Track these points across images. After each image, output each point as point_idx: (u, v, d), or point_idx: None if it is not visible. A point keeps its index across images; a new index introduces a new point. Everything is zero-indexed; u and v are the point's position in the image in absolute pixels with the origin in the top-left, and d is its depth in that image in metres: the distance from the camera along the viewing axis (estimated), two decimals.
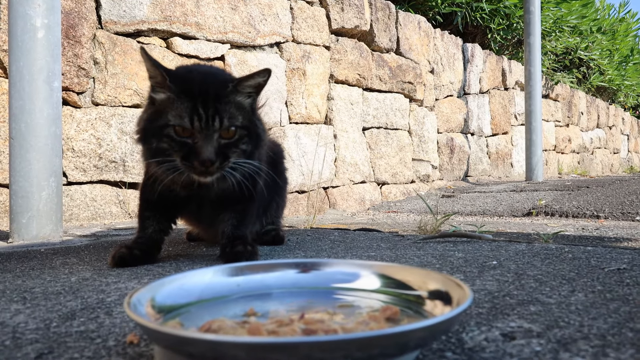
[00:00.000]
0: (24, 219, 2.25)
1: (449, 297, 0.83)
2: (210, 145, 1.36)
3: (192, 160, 1.36)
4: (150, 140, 1.44)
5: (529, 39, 6.32)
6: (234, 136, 1.43)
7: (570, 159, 9.20)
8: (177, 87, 1.41)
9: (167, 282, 0.86)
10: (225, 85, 1.45)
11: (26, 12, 2.24)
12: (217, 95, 1.41)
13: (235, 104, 1.45)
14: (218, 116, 1.38)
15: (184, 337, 0.60)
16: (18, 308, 1.13)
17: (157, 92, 1.45)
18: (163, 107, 1.42)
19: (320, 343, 0.57)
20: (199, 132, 1.37)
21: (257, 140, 1.52)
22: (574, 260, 1.61)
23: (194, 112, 1.37)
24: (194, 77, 1.44)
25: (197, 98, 1.38)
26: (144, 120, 1.47)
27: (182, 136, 1.38)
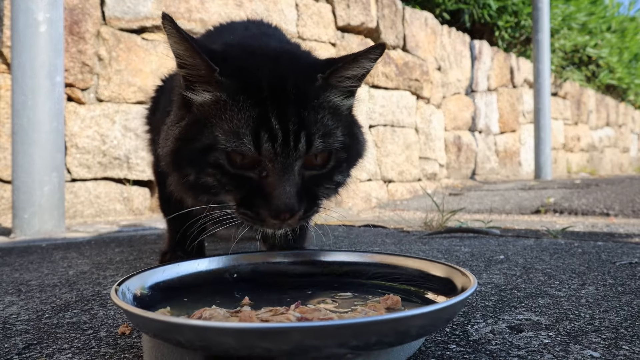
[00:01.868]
0: (26, 215, 2.24)
1: (452, 286, 0.79)
2: (289, 182, 0.84)
3: (258, 209, 0.85)
4: (184, 169, 0.92)
5: (538, 35, 6.25)
6: (328, 163, 0.91)
7: (579, 157, 9.09)
8: (233, 82, 0.88)
9: (160, 270, 0.83)
10: (311, 76, 0.91)
11: (28, 7, 2.23)
12: (300, 95, 0.88)
13: (330, 109, 0.92)
14: (305, 132, 0.86)
15: (170, 323, 0.56)
16: (12, 300, 1.11)
17: (196, 90, 0.91)
18: (206, 115, 0.89)
19: (313, 329, 0.53)
20: (271, 160, 0.84)
21: (356, 160, 1.03)
22: (584, 254, 1.56)
23: (261, 126, 0.84)
24: (260, 64, 0.92)
25: (266, 101, 0.86)
26: (177, 138, 0.93)
27: (241, 167, 0.86)
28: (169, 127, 0.97)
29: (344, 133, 0.94)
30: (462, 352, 0.75)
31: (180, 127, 0.92)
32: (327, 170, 0.92)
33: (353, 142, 0.98)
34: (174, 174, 0.98)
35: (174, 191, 1.06)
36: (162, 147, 0.98)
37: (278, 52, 1.00)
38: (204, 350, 0.59)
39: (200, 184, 0.91)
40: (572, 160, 8.78)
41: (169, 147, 0.94)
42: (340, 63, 0.91)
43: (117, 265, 1.50)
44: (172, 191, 1.07)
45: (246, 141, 0.84)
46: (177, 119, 0.95)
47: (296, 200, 0.85)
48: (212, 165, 0.88)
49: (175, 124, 0.95)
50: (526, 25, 7.31)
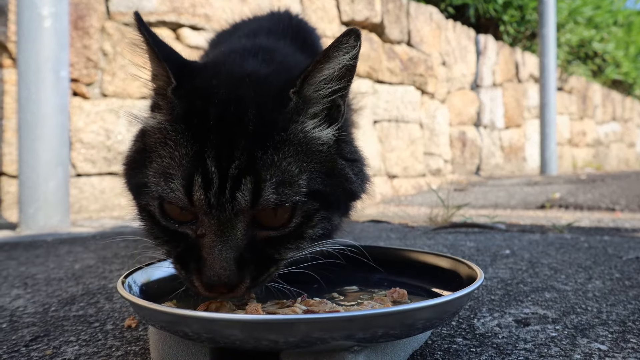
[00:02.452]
0: (32, 209, 2.25)
1: (459, 279, 0.79)
2: (226, 245, 0.66)
3: (191, 276, 0.69)
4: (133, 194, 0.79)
5: (543, 30, 6.21)
6: (291, 221, 0.71)
7: (584, 152, 9.05)
8: (181, 105, 0.73)
9: (166, 263, 0.83)
10: (283, 98, 0.74)
11: (33, 1, 2.23)
12: (258, 127, 0.70)
13: (300, 145, 0.73)
14: (251, 179, 0.67)
15: (178, 314, 0.56)
16: (19, 293, 1.11)
17: (155, 107, 0.78)
18: (150, 145, 0.74)
19: (320, 321, 0.53)
20: (205, 213, 0.67)
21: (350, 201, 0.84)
22: (590, 249, 1.55)
23: (196, 167, 0.67)
24: (220, 83, 0.75)
25: (209, 134, 0.69)
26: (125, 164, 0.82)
27: (174, 219, 0.70)
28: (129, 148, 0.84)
29: (318, 177, 0.73)
30: (468, 346, 0.75)
31: (130, 152, 0.80)
32: (291, 229, 0.71)
33: (337, 185, 0.76)
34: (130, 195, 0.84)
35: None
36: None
37: (251, 69, 0.82)
38: (210, 343, 0.59)
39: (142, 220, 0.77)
40: (578, 156, 8.73)
41: (121, 170, 0.83)
42: (310, 65, 0.73)
43: (123, 260, 1.51)
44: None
45: (174, 187, 0.67)
46: (133, 140, 0.82)
47: (234, 269, 0.65)
48: (143, 209, 0.74)
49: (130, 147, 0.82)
50: (532, 19, 7.26)
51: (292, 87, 0.73)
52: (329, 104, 0.77)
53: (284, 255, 0.73)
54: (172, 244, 0.72)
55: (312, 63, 0.72)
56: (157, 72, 0.76)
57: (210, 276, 0.65)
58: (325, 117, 0.77)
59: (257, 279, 0.69)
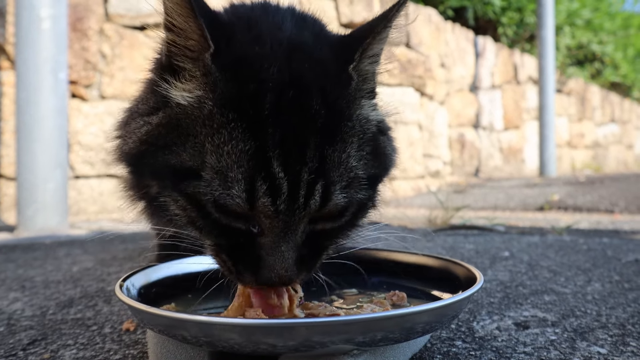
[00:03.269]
0: (30, 211, 2.24)
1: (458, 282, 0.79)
2: (289, 247, 0.62)
3: (243, 269, 0.64)
4: (144, 178, 0.70)
5: (542, 32, 6.22)
6: (345, 213, 0.67)
7: (583, 154, 9.05)
8: (226, 80, 0.63)
9: (164, 267, 0.83)
10: (342, 74, 0.67)
11: (32, 3, 2.23)
12: (325, 115, 0.63)
13: (360, 130, 0.67)
14: (322, 183, 0.62)
15: (176, 318, 0.56)
16: (16, 296, 1.11)
17: (179, 71, 0.66)
18: (190, 120, 0.64)
19: (320, 325, 0.53)
20: (269, 217, 0.62)
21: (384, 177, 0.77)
22: (590, 251, 1.55)
23: (258, 171, 0.60)
24: (269, 55, 0.65)
25: (269, 125, 0.61)
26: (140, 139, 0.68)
27: (229, 214, 0.62)
28: (133, 115, 0.72)
29: (370, 161, 0.67)
30: (468, 349, 0.74)
31: (150, 125, 0.66)
32: (347, 218, 0.68)
33: (382, 165, 0.71)
34: (130, 177, 0.76)
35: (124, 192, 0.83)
36: (117, 137, 0.75)
37: (295, 35, 0.70)
38: (208, 346, 0.59)
39: (163, 204, 0.67)
40: (577, 157, 8.74)
41: (129, 147, 0.69)
42: (369, 36, 0.65)
43: (121, 262, 1.50)
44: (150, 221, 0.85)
45: (235, 193, 0.59)
46: (146, 108, 0.69)
47: (295, 269, 0.62)
48: (189, 198, 0.63)
49: (142, 115, 0.69)
50: (530, 21, 7.28)
51: (351, 62, 0.66)
52: (375, 78, 0.72)
53: (328, 247, 0.69)
54: (219, 238, 0.64)
55: (372, 33, 0.65)
56: (186, 28, 0.62)
57: (271, 277, 0.61)
58: (372, 92, 0.72)
59: (310, 271, 0.67)
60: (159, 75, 0.68)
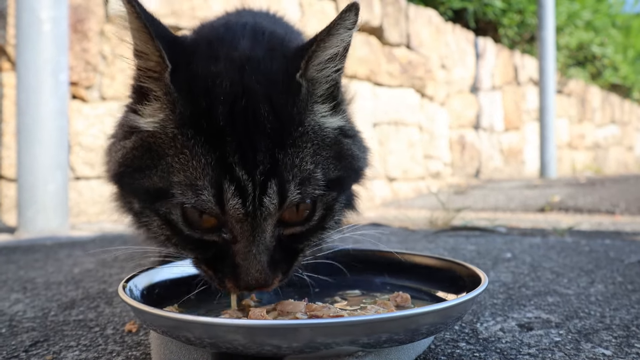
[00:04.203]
0: (30, 213, 2.24)
1: (462, 283, 0.78)
2: (260, 249, 0.67)
3: (223, 277, 0.69)
4: (128, 195, 0.77)
5: (542, 33, 6.22)
6: (313, 215, 0.72)
7: (583, 155, 9.05)
8: (183, 99, 0.68)
9: (166, 268, 0.83)
10: (292, 83, 0.71)
11: (32, 5, 2.23)
12: (275, 121, 0.68)
13: (314, 135, 0.72)
14: (276, 181, 0.66)
15: (181, 319, 0.56)
16: (18, 297, 1.11)
17: (146, 96, 0.71)
18: (157, 143, 0.69)
19: (324, 326, 0.53)
20: (239, 220, 0.66)
21: (356, 180, 0.83)
22: (592, 252, 1.55)
23: (223, 175, 0.65)
24: (222, 71, 0.70)
25: (226, 135, 0.66)
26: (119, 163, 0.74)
27: (199, 228, 0.69)
28: (114, 138, 0.79)
29: (331, 164, 0.72)
30: (472, 350, 0.74)
31: (125, 149, 0.72)
32: (314, 222, 0.72)
33: (347, 167, 0.75)
34: (124, 211, 0.83)
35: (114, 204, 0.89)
36: (106, 157, 0.82)
37: (249, 51, 0.75)
38: (212, 348, 0.58)
39: (144, 221, 0.73)
40: (577, 159, 8.74)
41: (111, 168, 0.76)
42: (314, 44, 0.69)
43: (122, 264, 1.50)
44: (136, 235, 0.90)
45: (205, 198, 0.65)
46: (122, 132, 0.75)
47: (269, 271, 0.67)
48: (162, 218, 0.70)
49: (119, 140, 0.75)
50: (531, 23, 7.28)
51: (298, 71, 0.70)
52: (331, 84, 0.75)
53: (308, 247, 0.74)
54: (196, 252, 0.71)
55: (315, 41, 0.69)
56: (146, 51, 0.68)
57: (248, 281, 0.66)
58: (328, 98, 0.75)
59: (287, 273, 0.71)
60: (131, 102, 0.75)
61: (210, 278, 0.71)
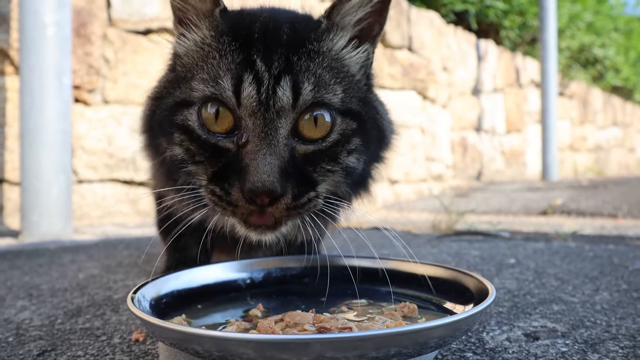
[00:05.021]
0: (34, 217, 2.24)
1: (469, 293, 0.78)
2: (271, 149, 0.68)
3: (230, 187, 0.68)
4: (157, 138, 0.80)
5: (544, 35, 6.22)
6: (329, 135, 0.73)
7: (585, 158, 9.05)
8: (227, 22, 0.79)
9: (173, 278, 0.83)
10: (311, 22, 0.83)
11: (36, 9, 2.23)
12: (293, 39, 0.76)
13: (332, 60, 0.78)
14: (290, 77, 0.72)
15: (190, 333, 0.56)
16: (24, 304, 1.11)
17: (187, 31, 0.80)
18: (189, 67, 0.77)
19: (333, 341, 0.53)
20: (252, 115, 0.69)
21: (379, 141, 0.85)
22: (596, 258, 1.55)
23: (244, 68, 0.71)
24: (258, 12, 0.84)
25: (253, 44, 0.74)
26: (152, 98, 0.83)
27: (214, 131, 0.71)
28: (152, 92, 0.86)
29: (352, 96, 0.77)
30: None
31: (159, 84, 0.82)
32: (328, 144, 0.73)
33: (370, 113, 0.79)
34: (151, 156, 0.86)
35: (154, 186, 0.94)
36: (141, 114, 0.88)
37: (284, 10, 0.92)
38: None
39: (173, 160, 0.76)
40: (579, 161, 8.74)
41: (144, 113, 0.83)
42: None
43: (127, 269, 1.50)
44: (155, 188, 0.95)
45: (224, 85, 0.71)
46: (161, 77, 0.86)
47: (278, 177, 0.65)
48: (180, 127, 0.74)
49: (158, 85, 0.85)
50: (532, 25, 7.28)
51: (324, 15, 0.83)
52: (357, 32, 0.83)
53: (321, 176, 0.74)
54: (208, 161, 0.73)
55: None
56: None
57: (254, 181, 0.65)
58: (354, 38, 0.84)
59: (297, 199, 0.70)
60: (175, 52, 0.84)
61: (218, 198, 0.71)
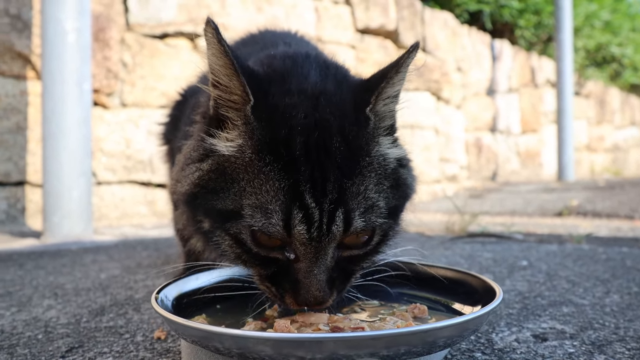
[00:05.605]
0: (56, 218, 2.31)
1: (477, 295, 0.81)
2: (321, 269, 0.72)
3: (283, 292, 0.74)
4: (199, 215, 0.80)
5: (560, 34, 6.17)
6: (371, 241, 0.77)
7: (602, 158, 8.94)
8: (261, 128, 0.73)
9: (193, 279, 0.87)
10: (360, 117, 0.76)
11: (57, 16, 2.30)
12: (345, 153, 0.72)
13: (378, 166, 0.76)
14: (343, 210, 0.71)
15: (211, 331, 0.60)
16: (50, 303, 1.16)
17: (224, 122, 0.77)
18: (232, 167, 0.74)
19: (346, 339, 0.56)
20: (303, 244, 0.71)
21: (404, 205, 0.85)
22: (609, 261, 1.56)
23: (293, 202, 0.69)
24: (296, 104, 0.75)
25: (300, 164, 0.70)
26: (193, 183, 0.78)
27: (266, 246, 0.73)
28: (187, 161, 0.81)
29: (390, 193, 0.76)
30: None
31: (201, 171, 0.76)
32: (371, 247, 0.77)
33: (402, 196, 0.80)
34: (186, 214, 0.84)
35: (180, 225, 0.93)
36: (176, 180, 0.83)
37: (320, 84, 0.80)
38: (240, 357, 0.62)
39: (215, 240, 0.78)
40: (596, 161, 8.64)
41: (184, 189, 0.79)
42: (384, 81, 0.74)
43: (146, 270, 1.55)
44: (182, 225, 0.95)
45: (274, 221, 0.69)
46: (197, 155, 0.79)
47: (327, 289, 0.72)
48: (232, 237, 0.74)
49: (194, 162, 0.79)
50: (548, 24, 7.22)
51: (367, 105, 0.75)
52: (393, 118, 0.80)
53: (356, 272, 0.78)
54: (262, 267, 0.75)
55: (385, 78, 0.74)
56: (230, 85, 0.73)
57: (307, 297, 0.70)
58: (390, 131, 0.80)
59: (341, 292, 0.76)
60: (206, 127, 0.79)
61: (272, 294, 0.75)
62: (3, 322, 1.01)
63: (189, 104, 1.16)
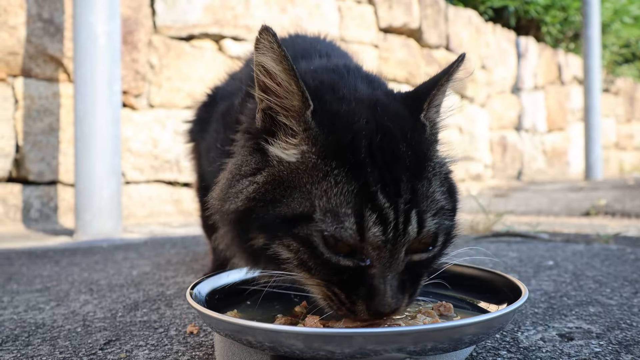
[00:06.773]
0: (87, 217, 2.38)
1: (503, 294, 0.82)
2: (395, 275, 0.70)
3: (355, 301, 0.70)
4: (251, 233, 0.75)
5: (587, 31, 6.06)
6: (436, 243, 0.75)
7: (632, 156, 8.74)
8: (323, 134, 0.73)
9: (224, 275, 0.90)
10: (417, 123, 0.77)
11: (88, 20, 2.37)
12: (412, 156, 0.73)
13: (438, 169, 0.77)
14: (416, 211, 0.71)
15: (244, 325, 0.62)
16: (86, 299, 1.21)
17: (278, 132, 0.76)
18: (294, 175, 0.72)
19: (376, 335, 0.58)
20: (377, 248, 0.69)
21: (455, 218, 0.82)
22: (637, 261, 1.54)
23: (365, 204, 0.68)
24: (356, 110, 0.75)
25: (367, 166, 0.70)
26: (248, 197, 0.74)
27: (336, 251, 0.69)
28: (235, 177, 0.77)
29: (448, 196, 0.76)
30: (512, 359, 0.77)
31: (257, 184, 0.73)
32: (438, 248, 0.76)
33: (455, 199, 0.79)
34: (232, 233, 0.79)
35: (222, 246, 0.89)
36: (221, 200, 0.79)
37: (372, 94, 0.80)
38: (271, 351, 0.64)
39: (269, 253, 0.73)
40: (625, 159, 8.44)
41: (236, 205, 0.75)
42: (435, 88, 0.76)
43: (176, 267, 1.59)
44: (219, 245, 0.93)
45: (347, 225, 0.67)
46: (249, 169, 0.76)
47: (401, 295, 0.69)
48: (300, 239, 0.70)
49: (245, 176, 0.76)
50: (575, 20, 7.09)
51: (421, 112, 0.76)
52: (439, 125, 0.82)
53: (423, 276, 0.76)
54: (330, 274, 0.70)
55: (436, 86, 0.76)
56: (290, 90, 0.72)
57: (382, 305, 0.67)
58: (438, 137, 0.81)
59: (412, 297, 0.74)
60: (257, 139, 0.77)
61: (338, 302, 0.71)
62: (44, 316, 1.06)
63: (219, 108, 1.17)
